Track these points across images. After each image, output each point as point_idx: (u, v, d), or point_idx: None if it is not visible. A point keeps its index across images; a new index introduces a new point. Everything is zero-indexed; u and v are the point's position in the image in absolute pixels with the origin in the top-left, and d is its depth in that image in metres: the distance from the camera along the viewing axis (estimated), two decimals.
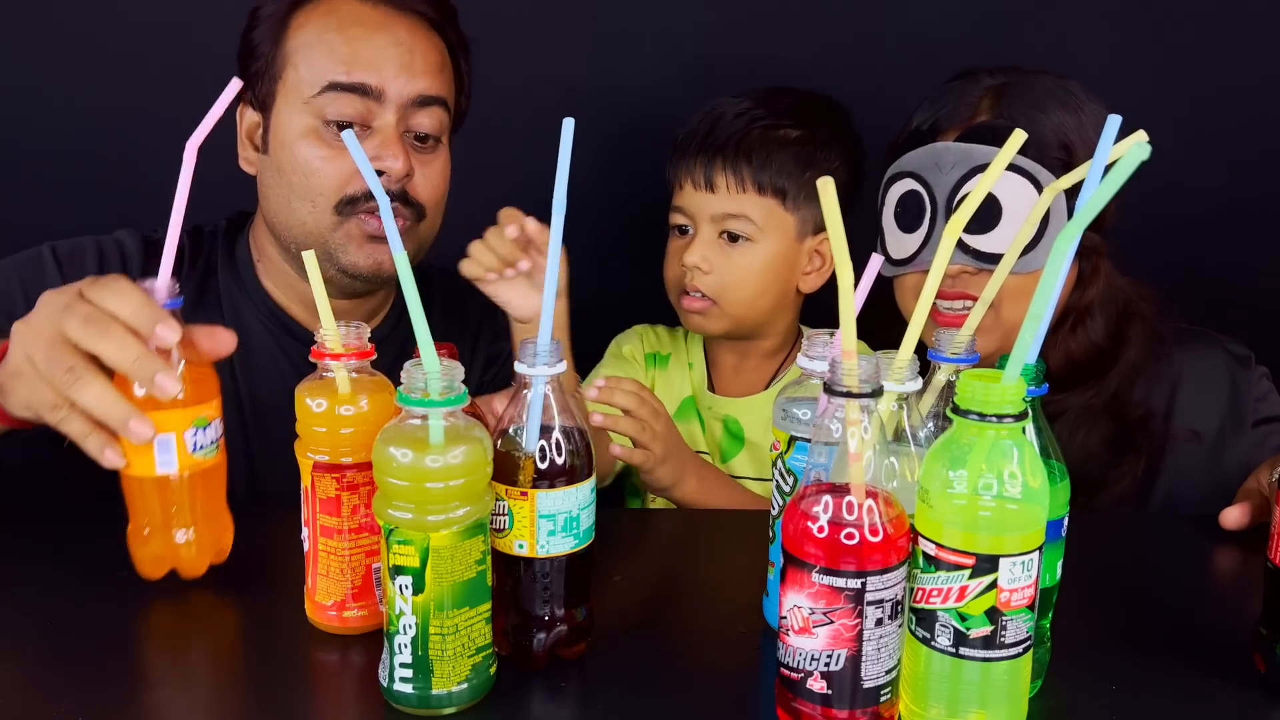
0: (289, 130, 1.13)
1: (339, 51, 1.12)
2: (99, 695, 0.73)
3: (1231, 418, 1.21)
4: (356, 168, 1.07)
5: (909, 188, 1.14)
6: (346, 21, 1.14)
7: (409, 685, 0.70)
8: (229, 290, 1.24)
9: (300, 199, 1.13)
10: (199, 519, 0.86)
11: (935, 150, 1.13)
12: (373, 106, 1.12)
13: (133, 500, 0.85)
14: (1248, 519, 1.00)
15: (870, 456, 0.64)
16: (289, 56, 1.14)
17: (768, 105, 1.30)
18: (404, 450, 0.68)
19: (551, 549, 0.74)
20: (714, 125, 1.29)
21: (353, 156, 0.72)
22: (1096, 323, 1.19)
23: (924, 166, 1.13)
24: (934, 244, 1.12)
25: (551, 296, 0.74)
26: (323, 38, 1.13)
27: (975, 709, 0.65)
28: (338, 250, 1.14)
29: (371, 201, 1.12)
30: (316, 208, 1.13)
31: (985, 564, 0.63)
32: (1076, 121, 1.12)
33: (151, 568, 0.86)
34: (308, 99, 1.12)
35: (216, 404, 0.85)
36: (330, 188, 1.12)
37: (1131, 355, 1.20)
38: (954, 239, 0.67)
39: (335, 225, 1.14)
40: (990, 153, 1.09)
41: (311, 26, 1.14)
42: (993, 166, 0.69)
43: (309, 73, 1.12)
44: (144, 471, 0.83)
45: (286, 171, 1.13)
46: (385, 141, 1.12)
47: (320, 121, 1.12)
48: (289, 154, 1.13)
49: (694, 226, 1.31)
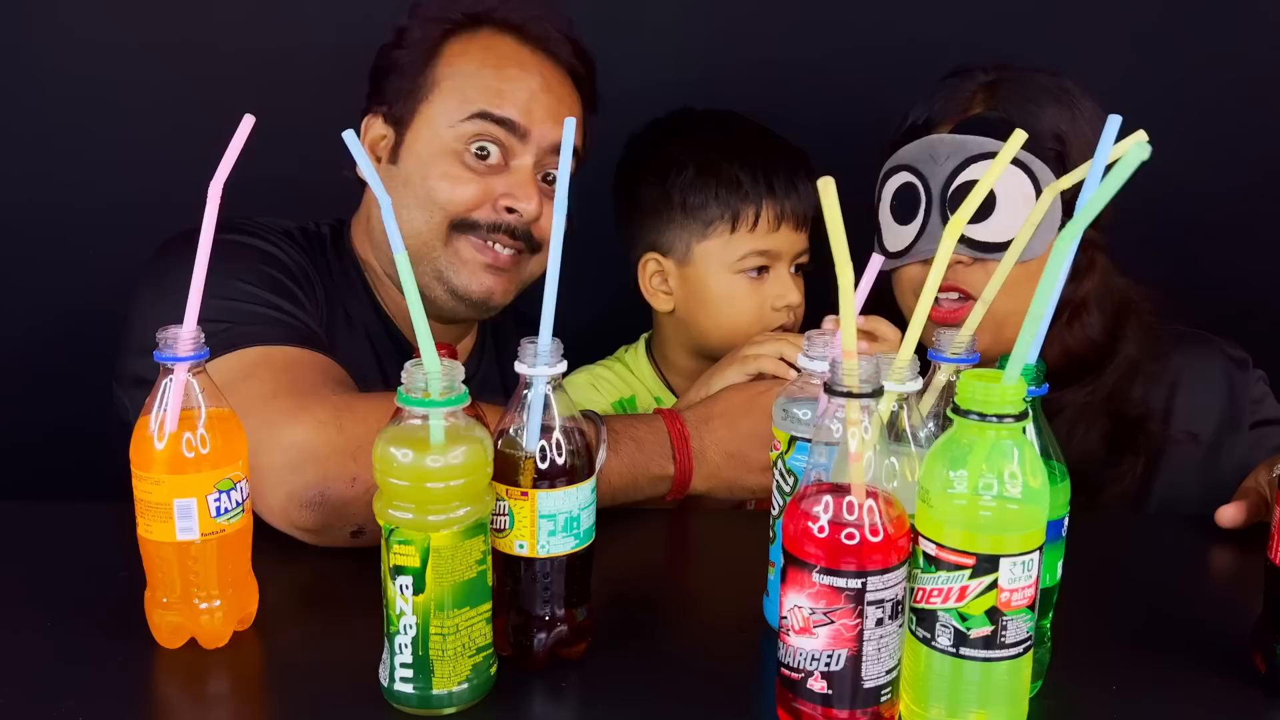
0: (427, 146, 1.16)
1: (492, 85, 1.16)
2: (99, 695, 0.73)
3: (1229, 420, 1.21)
4: (483, 199, 1.14)
5: (904, 180, 1.15)
6: (506, 60, 1.17)
7: (409, 685, 0.70)
8: (343, 297, 1.23)
9: (419, 208, 1.16)
10: (223, 587, 0.79)
11: (930, 142, 1.13)
12: (514, 144, 1.15)
13: (151, 566, 0.79)
14: (1244, 516, 1.00)
15: (870, 456, 0.64)
16: (439, 82, 1.17)
17: (764, 130, 1.31)
18: (404, 450, 0.68)
19: (552, 549, 0.74)
20: (770, 157, 1.27)
21: (355, 158, 0.72)
22: (1093, 318, 1.19)
23: (919, 159, 1.14)
24: (930, 234, 1.13)
25: (553, 296, 0.74)
26: (479, 71, 1.16)
27: (975, 709, 0.66)
28: (448, 269, 1.18)
29: (492, 232, 1.16)
30: (432, 219, 1.16)
31: (985, 564, 0.63)
32: (1071, 115, 1.13)
33: (170, 637, 0.79)
34: (454, 122, 1.15)
35: (242, 464, 0.79)
36: (452, 204, 1.15)
37: (1129, 351, 1.20)
38: (954, 238, 0.67)
39: (446, 241, 1.16)
40: (984, 143, 1.10)
41: (468, 58, 1.17)
42: (994, 164, 0.69)
43: (459, 99, 1.15)
44: (163, 537, 0.77)
45: (415, 183, 1.16)
46: (521, 183, 1.15)
47: (462, 145, 1.15)
48: (421, 167, 1.16)
49: (772, 265, 1.28)
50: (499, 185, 1.15)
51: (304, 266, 1.16)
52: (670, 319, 1.35)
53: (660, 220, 1.30)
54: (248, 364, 0.98)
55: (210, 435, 0.77)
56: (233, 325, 1.01)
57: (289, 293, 1.10)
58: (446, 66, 1.17)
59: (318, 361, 1.02)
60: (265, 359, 0.99)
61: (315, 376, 0.99)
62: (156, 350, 0.75)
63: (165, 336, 0.75)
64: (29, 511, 0.97)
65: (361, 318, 1.24)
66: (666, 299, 1.33)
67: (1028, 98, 1.13)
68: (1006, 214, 1.10)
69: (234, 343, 0.99)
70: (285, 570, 0.89)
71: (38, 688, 0.74)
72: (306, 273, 1.16)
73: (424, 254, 1.18)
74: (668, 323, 1.37)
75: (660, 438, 1.05)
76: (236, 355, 0.98)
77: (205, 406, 0.77)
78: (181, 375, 0.76)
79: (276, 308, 1.06)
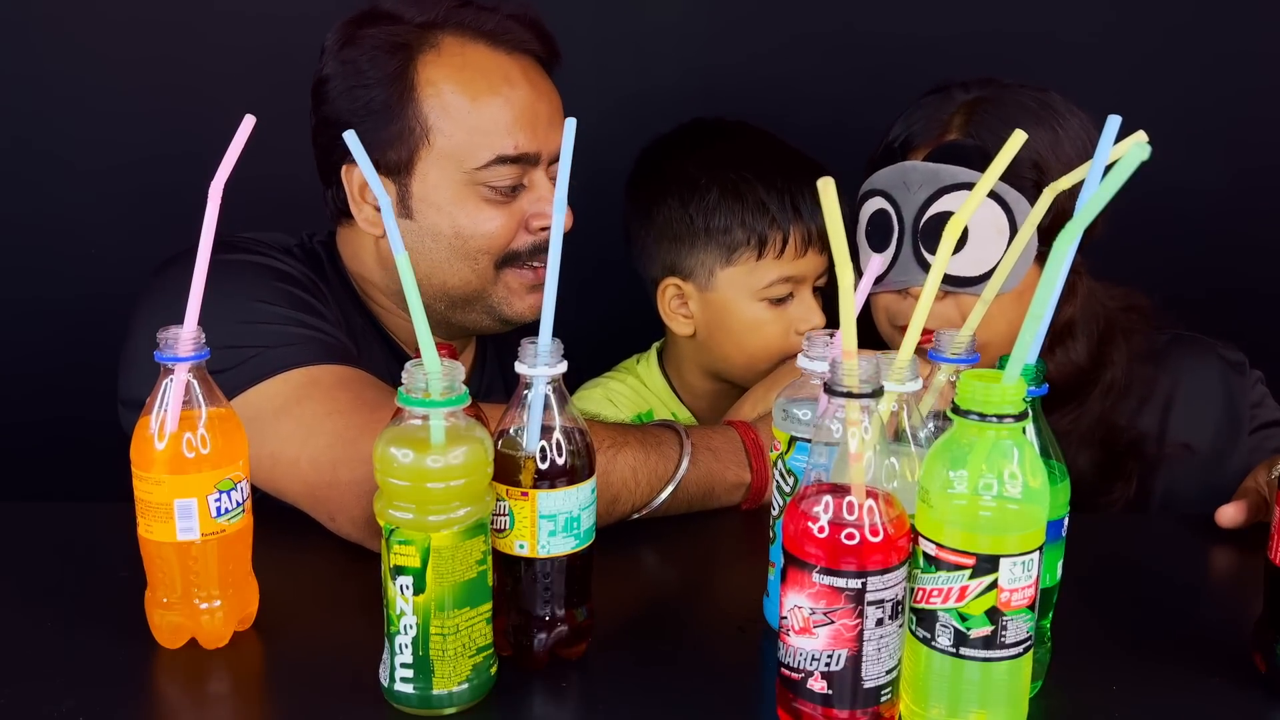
0: (442, 196, 1.11)
1: (500, 121, 1.09)
2: (99, 695, 0.73)
3: (1228, 427, 1.20)
4: (515, 227, 1.12)
5: (878, 206, 1.13)
6: (490, 77, 1.10)
7: (409, 685, 0.70)
8: (338, 314, 1.17)
9: (462, 259, 1.13)
10: (223, 588, 0.79)
11: (904, 169, 1.11)
12: (529, 168, 1.13)
13: (151, 566, 0.79)
14: (1244, 516, 1.00)
15: (870, 456, 0.64)
16: (431, 124, 1.09)
17: (781, 143, 1.27)
18: (405, 450, 0.68)
19: (552, 549, 0.74)
20: (793, 175, 1.22)
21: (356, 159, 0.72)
22: (1078, 343, 1.17)
23: (892, 185, 1.11)
24: (902, 265, 1.11)
25: (552, 296, 0.74)
26: (472, 105, 1.09)
27: (975, 709, 0.66)
28: (500, 304, 1.17)
29: (534, 257, 1.14)
30: (478, 265, 1.13)
31: (985, 564, 0.63)
32: (1053, 138, 1.09)
33: (170, 637, 0.79)
34: (469, 170, 1.10)
35: (243, 465, 0.79)
36: (495, 247, 1.13)
37: (1114, 375, 1.18)
38: (937, 282, 0.67)
39: (495, 279, 1.15)
40: (957, 173, 1.07)
41: (450, 85, 1.09)
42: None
43: (467, 145, 1.09)
44: (163, 537, 0.77)
45: (445, 235, 1.12)
46: (544, 198, 1.13)
47: (481, 184, 1.11)
48: (447, 219, 1.11)
49: (797, 290, 1.24)
50: (526, 207, 1.13)
51: (314, 279, 1.13)
52: (689, 341, 1.31)
53: (680, 244, 1.25)
54: (296, 386, 0.96)
55: (211, 435, 0.77)
56: (267, 349, 0.97)
57: (311, 308, 1.06)
58: (429, 100, 1.09)
59: (365, 378, 1.00)
60: (312, 380, 0.96)
61: (371, 392, 0.97)
62: (157, 351, 0.75)
63: (165, 336, 0.75)
64: (29, 511, 0.97)
65: (363, 333, 1.21)
66: (686, 323, 1.29)
67: (1005, 120, 1.08)
68: (979, 247, 1.08)
69: (274, 367, 0.96)
70: (285, 570, 0.89)
71: (38, 688, 0.74)
72: (319, 285, 1.12)
73: (477, 298, 1.16)
74: (686, 344, 1.32)
75: (735, 446, 1.05)
76: (281, 379, 0.96)
77: (205, 406, 0.77)
78: (182, 375, 0.76)
79: (304, 324, 1.02)
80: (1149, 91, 1.53)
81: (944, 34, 1.53)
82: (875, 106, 1.26)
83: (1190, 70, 1.57)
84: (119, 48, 1.53)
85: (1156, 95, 1.52)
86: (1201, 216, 1.60)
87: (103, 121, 1.54)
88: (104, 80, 1.54)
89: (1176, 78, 1.56)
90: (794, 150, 1.27)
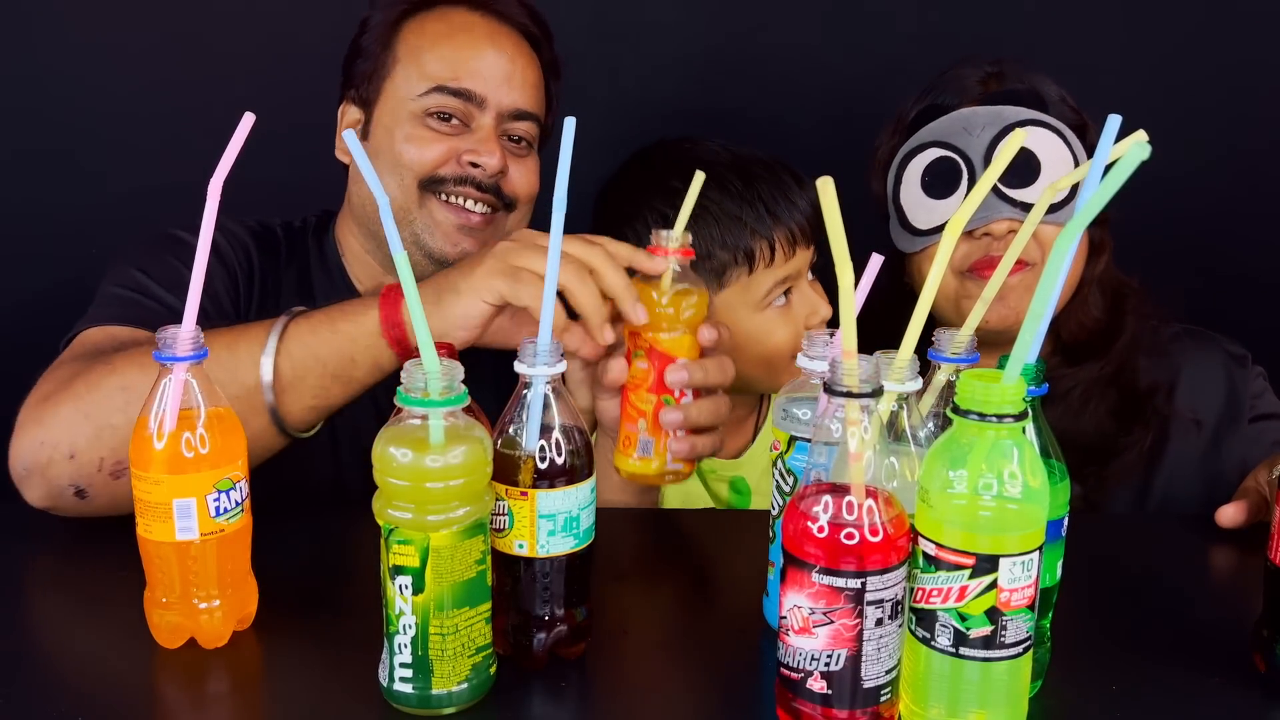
0: (392, 118, 1.19)
1: (448, 57, 1.19)
2: (99, 695, 0.73)
3: (1228, 413, 1.23)
4: (447, 156, 1.17)
5: (937, 155, 1.17)
6: (456, 29, 1.21)
7: (409, 685, 0.70)
8: (322, 286, 1.27)
9: (389, 174, 1.19)
10: (222, 587, 0.79)
11: (963, 115, 1.16)
12: (473, 110, 1.18)
13: (150, 566, 0.79)
14: (1244, 516, 1.00)
15: (870, 456, 0.64)
16: (399, 59, 1.20)
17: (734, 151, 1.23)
18: (404, 450, 0.68)
19: (551, 549, 0.74)
20: (756, 179, 1.19)
21: (356, 160, 0.72)
22: (1095, 300, 1.22)
23: (952, 133, 1.16)
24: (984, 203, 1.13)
25: (552, 295, 0.74)
26: (434, 44, 1.20)
27: (975, 709, 0.65)
28: (424, 233, 1.19)
29: (458, 186, 1.18)
30: (403, 181, 1.18)
31: (985, 564, 0.63)
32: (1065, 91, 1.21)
33: (169, 637, 0.79)
34: (414, 96, 1.18)
35: (242, 464, 0.79)
36: (417, 164, 1.18)
37: (1132, 329, 1.23)
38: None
39: (419, 202, 1.19)
40: (1020, 112, 1.15)
41: (424, 34, 1.21)
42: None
43: (417, 74, 1.19)
44: (162, 536, 0.77)
45: (384, 152, 1.19)
46: (483, 139, 1.18)
47: (422, 113, 1.18)
48: (388, 136, 1.19)
49: (794, 285, 1.21)
50: (462, 144, 1.18)
51: (245, 263, 1.22)
52: None
53: None
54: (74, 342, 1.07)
55: (209, 435, 0.77)
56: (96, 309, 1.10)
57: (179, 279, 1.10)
58: (404, 45, 1.21)
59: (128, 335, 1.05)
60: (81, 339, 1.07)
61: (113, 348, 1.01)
62: (156, 350, 0.76)
63: (165, 336, 0.75)
64: (29, 511, 0.97)
65: (340, 298, 1.18)
66: None
67: (1034, 71, 1.19)
68: (1051, 177, 1.14)
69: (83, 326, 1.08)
70: (285, 570, 0.89)
71: (37, 688, 0.74)
72: (246, 267, 1.22)
73: (399, 220, 1.18)
74: None
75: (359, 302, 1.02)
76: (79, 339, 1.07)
77: (204, 406, 0.77)
78: (180, 375, 0.76)
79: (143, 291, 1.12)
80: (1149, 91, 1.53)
81: (944, 34, 1.53)
82: (875, 106, 1.26)
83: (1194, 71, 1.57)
84: (119, 47, 1.54)
85: (1156, 95, 1.52)
86: (1202, 215, 1.60)
87: (103, 121, 1.55)
88: (104, 80, 1.54)
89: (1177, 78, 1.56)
90: (748, 153, 1.23)
